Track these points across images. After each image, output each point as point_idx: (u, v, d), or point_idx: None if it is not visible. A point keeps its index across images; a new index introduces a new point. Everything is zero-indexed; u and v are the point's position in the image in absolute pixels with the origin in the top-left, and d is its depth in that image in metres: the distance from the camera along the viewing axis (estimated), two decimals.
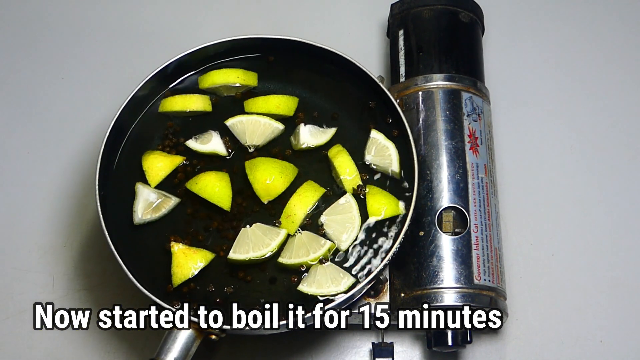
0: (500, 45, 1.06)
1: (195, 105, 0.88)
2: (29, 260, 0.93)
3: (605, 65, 1.06)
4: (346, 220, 0.80)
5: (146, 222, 0.82)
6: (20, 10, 1.12)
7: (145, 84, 0.87)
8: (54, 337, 0.88)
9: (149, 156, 0.85)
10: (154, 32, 1.09)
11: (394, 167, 0.83)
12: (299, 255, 0.78)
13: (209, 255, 0.79)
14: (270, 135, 0.86)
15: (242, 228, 0.80)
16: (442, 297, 0.80)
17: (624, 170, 0.98)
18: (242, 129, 0.86)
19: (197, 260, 0.79)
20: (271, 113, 0.87)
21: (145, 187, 0.83)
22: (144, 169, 0.84)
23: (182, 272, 0.78)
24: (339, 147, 0.85)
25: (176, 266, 0.78)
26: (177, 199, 0.83)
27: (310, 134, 0.85)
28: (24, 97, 1.05)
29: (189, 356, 0.74)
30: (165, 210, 0.82)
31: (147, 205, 0.82)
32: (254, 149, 0.86)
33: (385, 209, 0.81)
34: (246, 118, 0.87)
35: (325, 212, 0.81)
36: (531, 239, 0.94)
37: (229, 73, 0.89)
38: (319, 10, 1.12)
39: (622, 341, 0.88)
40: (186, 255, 0.79)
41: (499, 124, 0.99)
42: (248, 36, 0.90)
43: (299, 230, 0.80)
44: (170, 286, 0.78)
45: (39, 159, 1.00)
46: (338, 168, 0.83)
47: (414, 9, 0.96)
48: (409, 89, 0.91)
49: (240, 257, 0.79)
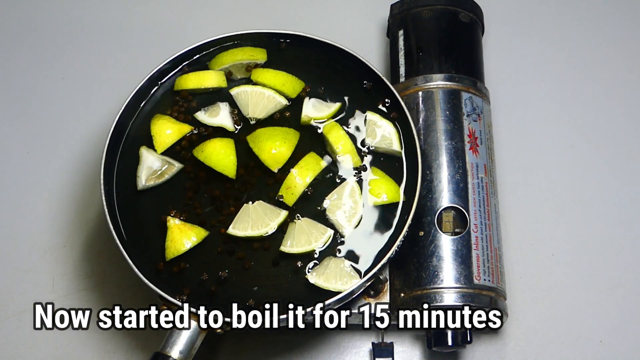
0: (500, 45, 1.06)
1: (210, 82, 0.88)
2: (29, 260, 0.93)
3: (605, 65, 1.06)
4: (349, 205, 0.81)
5: (149, 187, 0.82)
6: (20, 10, 1.12)
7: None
8: (54, 337, 0.88)
9: (158, 120, 0.85)
10: (153, 31, 1.09)
11: (394, 146, 0.84)
12: (301, 243, 0.79)
13: (203, 232, 0.80)
14: (273, 109, 0.86)
15: (244, 204, 0.81)
16: (442, 297, 0.80)
17: (624, 170, 0.98)
18: (246, 99, 0.86)
19: (191, 236, 0.79)
20: (275, 88, 0.87)
21: (150, 153, 0.83)
22: (152, 134, 0.84)
23: (176, 246, 0.78)
24: (333, 122, 0.85)
25: (170, 240, 0.79)
26: (181, 165, 0.83)
27: (314, 107, 0.86)
28: (24, 97, 1.05)
29: (194, 349, 0.75)
30: (168, 177, 0.83)
31: (151, 172, 0.83)
32: (256, 121, 0.86)
33: (386, 195, 0.81)
34: (251, 89, 0.87)
35: (328, 197, 0.81)
36: (531, 239, 0.94)
37: (237, 52, 0.90)
38: (319, 10, 1.12)
39: (622, 341, 0.88)
40: (181, 231, 0.79)
41: (499, 124, 0.99)
42: (249, 31, 0.90)
43: (298, 216, 0.80)
44: (161, 264, 0.78)
45: (39, 159, 1.00)
46: (333, 143, 0.83)
47: (414, 9, 0.96)
48: (408, 89, 0.91)
49: (239, 233, 0.79)
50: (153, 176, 0.83)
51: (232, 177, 0.82)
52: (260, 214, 0.80)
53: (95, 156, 0.97)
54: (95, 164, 0.95)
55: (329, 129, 0.84)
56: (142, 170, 0.83)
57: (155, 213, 0.82)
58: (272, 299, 0.76)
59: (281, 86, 0.87)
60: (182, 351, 0.74)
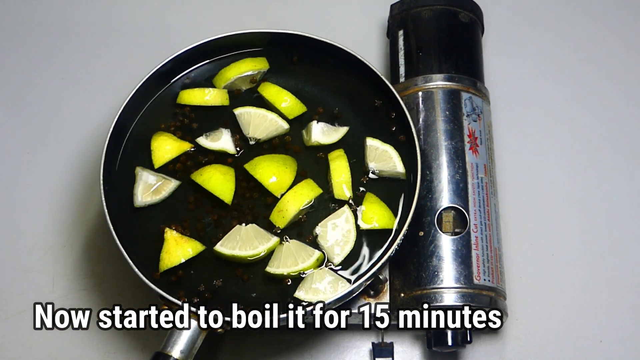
0: (500, 45, 1.06)
1: (213, 99, 0.88)
2: (29, 260, 0.93)
3: (605, 65, 1.06)
4: (342, 234, 0.80)
5: (147, 204, 0.82)
6: (20, 10, 1.12)
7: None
8: (54, 337, 0.88)
9: (158, 137, 0.85)
10: (153, 31, 1.09)
11: (398, 168, 0.83)
12: (287, 264, 0.78)
13: (200, 246, 0.80)
14: (274, 132, 0.86)
15: (237, 225, 0.80)
16: (442, 297, 0.80)
17: (624, 170, 0.98)
18: (248, 120, 0.86)
19: (187, 248, 0.79)
20: (275, 105, 0.87)
21: (145, 170, 0.83)
22: (152, 148, 0.84)
23: (170, 258, 0.78)
24: (340, 151, 0.85)
25: (165, 252, 0.79)
26: (177, 182, 0.83)
27: (322, 132, 0.85)
28: (24, 97, 1.05)
29: (194, 349, 0.75)
30: (165, 193, 0.83)
31: (146, 187, 0.83)
32: (255, 142, 0.86)
33: (377, 220, 0.80)
34: (254, 110, 0.87)
35: (321, 224, 0.81)
36: (531, 239, 0.94)
37: (239, 65, 0.90)
38: (319, 11, 1.12)
39: (622, 341, 0.88)
40: (177, 243, 0.79)
41: (499, 124, 0.99)
42: (249, 31, 0.90)
43: (287, 238, 0.80)
44: (157, 273, 0.78)
45: (39, 159, 1.00)
46: (333, 172, 0.83)
47: (414, 9, 0.96)
48: (408, 89, 0.91)
49: (225, 251, 0.79)
50: (149, 192, 0.82)
51: (229, 203, 0.82)
52: (251, 236, 0.79)
53: (95, 156, 0.97)
54: (95, 164, 0.95)
55: (334, 157, 0.84)
56: (138, 188, 0.82)
57: (154, 218, 0.82)
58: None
59: (280, 104, 0.87)
60: (183, 351, 0.74)
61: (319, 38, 0.89)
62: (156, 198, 0.83)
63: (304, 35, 0.90)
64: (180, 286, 0.78)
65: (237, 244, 0.79)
